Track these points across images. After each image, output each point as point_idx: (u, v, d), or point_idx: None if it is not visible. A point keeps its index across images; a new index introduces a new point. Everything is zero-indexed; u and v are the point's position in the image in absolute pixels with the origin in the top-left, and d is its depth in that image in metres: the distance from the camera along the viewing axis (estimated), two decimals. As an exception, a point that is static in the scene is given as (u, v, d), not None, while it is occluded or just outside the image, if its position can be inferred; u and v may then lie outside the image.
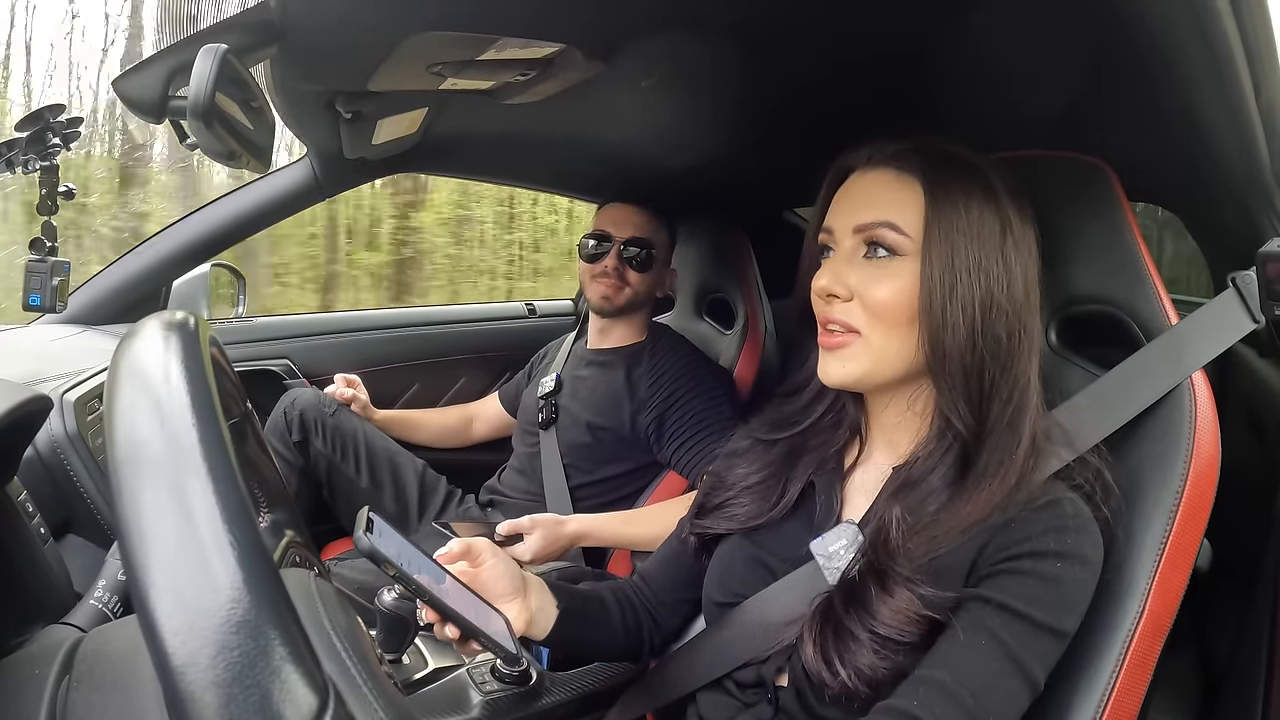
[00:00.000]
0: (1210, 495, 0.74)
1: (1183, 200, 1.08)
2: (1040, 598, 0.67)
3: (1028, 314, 0.75)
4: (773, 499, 0.86)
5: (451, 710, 0.93)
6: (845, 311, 0.77)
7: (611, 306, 1.63)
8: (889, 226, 0.75)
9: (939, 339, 0.73)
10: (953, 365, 0.73)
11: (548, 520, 1.34)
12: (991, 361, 0.73)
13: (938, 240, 0.73)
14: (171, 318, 0.47)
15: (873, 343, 0.76)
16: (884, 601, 0.70)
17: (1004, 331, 0.73)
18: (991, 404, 0.74)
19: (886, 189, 0.77)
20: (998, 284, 0.73)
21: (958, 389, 0.74)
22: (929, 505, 0.74)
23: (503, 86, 1.11)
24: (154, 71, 0.78)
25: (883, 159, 0.78)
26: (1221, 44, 0.68)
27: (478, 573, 0.84)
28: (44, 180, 1.15)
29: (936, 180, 0.75)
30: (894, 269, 0.75)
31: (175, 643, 0.33)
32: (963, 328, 0.72)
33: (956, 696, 0.64)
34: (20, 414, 0.72)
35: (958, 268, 0.72)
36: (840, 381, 0.79)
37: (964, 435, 0.74)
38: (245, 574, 0.35)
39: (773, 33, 0.91)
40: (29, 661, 0.56)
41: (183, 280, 1.74)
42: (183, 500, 0.36)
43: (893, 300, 0.74)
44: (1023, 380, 0.74)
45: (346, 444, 1.67)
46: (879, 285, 0.75)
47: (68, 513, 1.17)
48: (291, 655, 0.34)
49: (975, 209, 0.74)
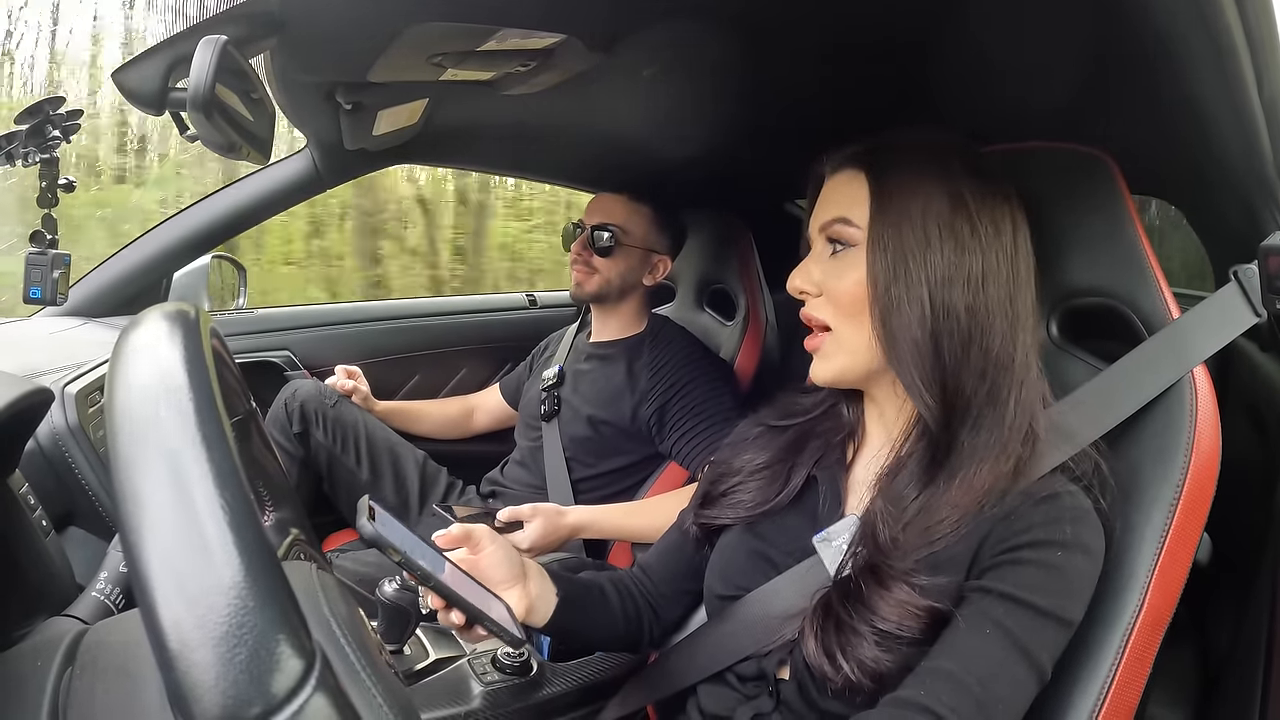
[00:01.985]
0: (1210, 489, 0.74)
1: (1184, 193, 1.07)
2: (1043, 585, 0.67)
3: (993, 290, 0.75)
4: (777, 486, 0.87)
5: (453, 701, 0.93)
6: (817, 307, 0.81)
7: (582, 293, 1.63)
8: (842, 221, 0.79)
9: (888, 320, 0.75)
10: (904, 345, 0.74)
11: (548, 509, 1.34)
12: (948, 337, 0.73)
13: (881, 227, 0.76)
14: (172, 309, 0.47)
15: (841, 337, 0.79)
16: (881, 596, 0.70)
17: (960, 305, 0.73)
18: (960, 380, 0.74)
19: (843, 187, 0.80)
20: (947, 262, 0.74)
21: (915, 369, 0.74)
22: (909, 493, 0.75)
23: (503, 77, 1.10)
24: (154, 63, 0.78)
25: (841, 161, 0.82)
26: (1224, 37, 0.67)
27: (478, 559, 0.85)
28: (44, 173, 1.15)
29: (880, 172, 0.78)
30: (850, 260, 0.78)
31: (168, 612, 0.34)
32: (910, 307, 0.73)
33: (964, 685, 0.65)
34: (21, 406, 0.72)
35: (906, 249, 0.74)
36: (825, 380, 0.82)
37: (931, 416, 0.74)
38: (240, 549, 0.35)
39: (774, 24, 0.90)
40: (32, 653, 0.56)
41: (183, 272, 1.74)
42: (183, 488, 0.36)
43: (851, 290, 0.77)
44: (1000, 357, 0.74)
45: (347, 435, 1.67)
46: (839, 278, 0.78)
47: (69, 505, 1.18)
48: (279, 619, 0.35)
49: (922, 195, 0.75)
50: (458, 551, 0.85)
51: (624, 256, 1.61)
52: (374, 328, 2.07)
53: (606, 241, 1.59)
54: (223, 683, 0.33)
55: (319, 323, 2.00)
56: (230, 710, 0.33)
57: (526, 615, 0.86)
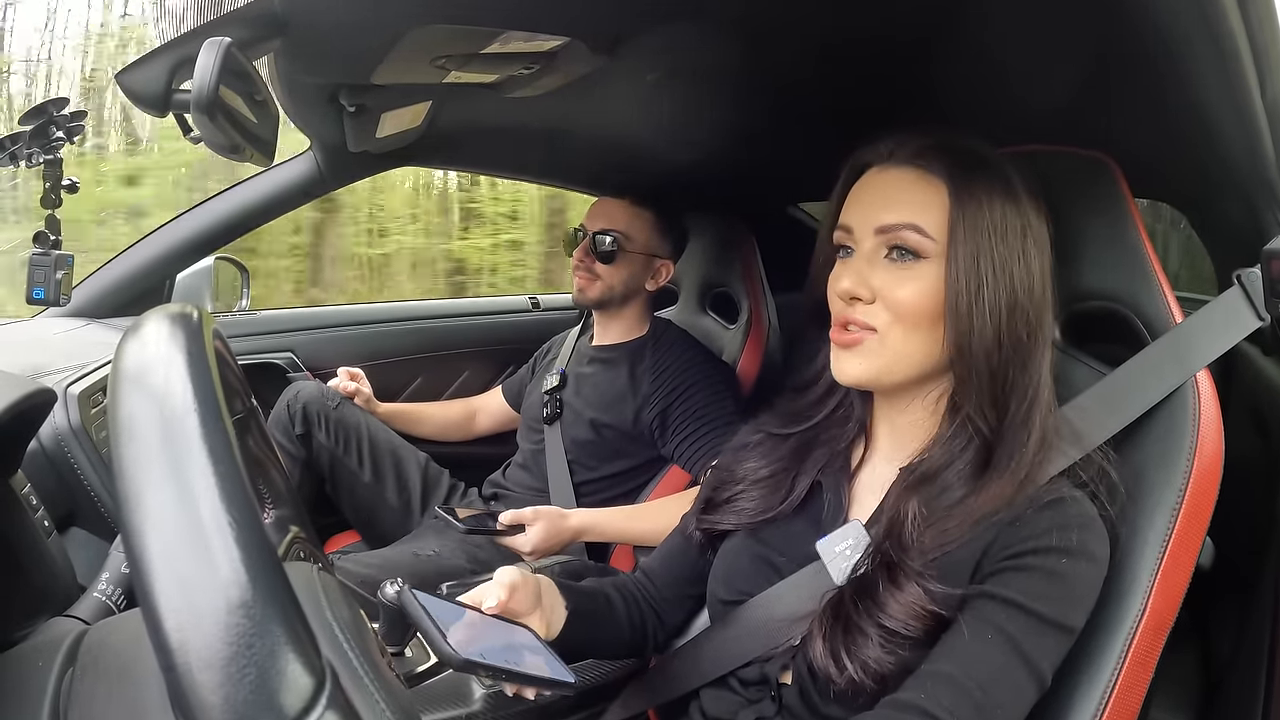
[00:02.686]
0: (1213, 493, 0.74)
1: (1188, 197, 1.07)
2: (1046, 593, 0.67)
3: (1044, 312, 0.75)
4: (781, 494, 0.86)
5: (454, 703, 0.94)
6: (867, 313, 0.76)
7: (584, 299, 1.62)
8: (913, 229, 0.74)
9: (965, 341, 0.73)
10: (979, 366, 0.73)
11: (550, 513, 1.34)
12: (1014, 361, 0.73)
13: (963, 242, 0.72)
14: (175, 310, 0.47)
15: (889, 341, 0.75)
16: (892, 595, 0.70)
17: (1024, 331, 0.73)
18: (1010, 401, 0.74)
19: (910, 189, 0.75)
20: (1020, 285, 0.73)
21: (983, 389, 0.73)
22: (944, 500, 0.74)
23: (507, 80, 1.10)
24: (158, 65, 0.78)
25: (905, 156, 0.77)
26: (1227, 40, 0.68)
27: (510, 605, 0.78)
28: (47, 174, 1.15)
29: (961, 181, 0.74)
30: (918, 271, 0.74)
31: (173, 623, 0.33)
32: (989, 329, 0.72)
33: (964, 689, 0.64)
34: (24, 407, 0.72)
35: (983, 270, 0.72)
36: (855, 379, 0.78)
37: (985, 432, 0.74)
38: (244, 555, 0.35)
39: (776, 27, 0.90)
40: (33, 654, 0.56)
41: (186, 273, 1.74)
42: (185, 489, 0.36)
43: (917, 302, 0.74)
44: (1037, 378, 0.74)
45: (349, 437, 1.67)
46: (902, 287, 0.74)
47: (71, 506, 1.18)
48: (288, 637, 0.34)
49: (998, 209, 0.73)
50: (488, 603, 0.77)
51: (626, 262, 1.61)
52: (377, 330, 2.07)
53: (609, 247, 1.59)
54: (232, 703, 0.32)
55: (322, 324, 2.00)
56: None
57: (544, 635, 0.81)
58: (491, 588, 0.77)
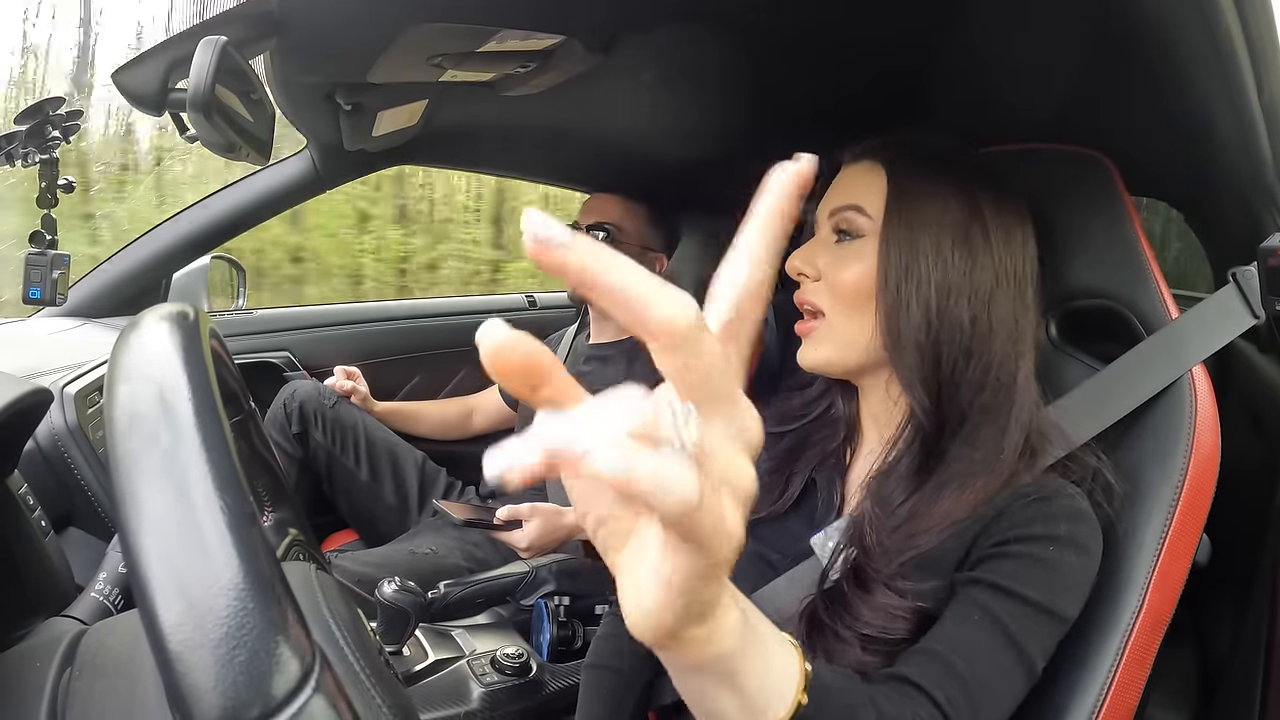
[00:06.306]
0: (1210, 490, 0.74)
1: (1184, 195, 1.07)
2: (1032, 577, 0.66)
3: (999, 307, 0.74)
4: (776, 493, 0.86)
5: (452, 702, 0.94)
6: (814, 292, 0.80)
7: (576, 294, 1.62)
8: (855, 209, 0.78)
9: (893, 319, 0.74)
10: (907, 346, 0.74)
11: (547, 509, 1.34)
12: (950, 345, 0.73)
13: (898, 225, 0.75)
14: (172, 310, 0.47)
15: (836, 325, 0.78)
16: (864, 600, 0.69)
17: (966, 316, 0.73)
18: (957, 390, 0.73)
19: (860, 177, 0.80)
20: (957, 270, 0.73)
21: (914, 371, 0.74)
22: (896, 496, 0.75)
23: (503, 78, 1.10)
24: (153, 64, 0.78)
25: (861, 152, 0.81)
26: (1224, 40, 0.68)
27: None
28: (44, 173, 1.15)
29: (901, 168, 0.77)
30: (857, 250, 0.77)
31: (166, 606, 0.34)
32: (917, 309, 0.73)
33: (949, 664, 0.63)
34: (21, 407, 0.72)
35: (919, 249, 0.74)
36: (811, 365, 0.81)
37: (923, 419, 0.74)
38: (236, 539, 0.35)
39: (772, 26, 0.90)
40: (31, 654, 0.56)
41: (183, 273, 1.73)
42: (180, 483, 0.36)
43: (855, 282, 0.76)
44: (999, 370, 0.74)
45: (346, 436, 1.67)
46: (844, 267, 0.77)
47: (68, 505, 1.18)
48: (279, 619, 0.35)
49: (939, 197, 0.75)
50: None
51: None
52: (373, 329, 2.07)
53: (602, 240, 1.58)
54: (222, 684, 0.33)
55: (318, 324, 2.00)
56: (229, 712, 0.33)
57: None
58: None
